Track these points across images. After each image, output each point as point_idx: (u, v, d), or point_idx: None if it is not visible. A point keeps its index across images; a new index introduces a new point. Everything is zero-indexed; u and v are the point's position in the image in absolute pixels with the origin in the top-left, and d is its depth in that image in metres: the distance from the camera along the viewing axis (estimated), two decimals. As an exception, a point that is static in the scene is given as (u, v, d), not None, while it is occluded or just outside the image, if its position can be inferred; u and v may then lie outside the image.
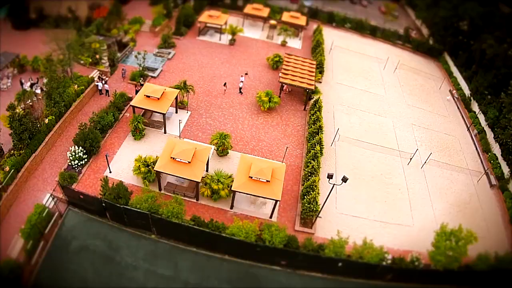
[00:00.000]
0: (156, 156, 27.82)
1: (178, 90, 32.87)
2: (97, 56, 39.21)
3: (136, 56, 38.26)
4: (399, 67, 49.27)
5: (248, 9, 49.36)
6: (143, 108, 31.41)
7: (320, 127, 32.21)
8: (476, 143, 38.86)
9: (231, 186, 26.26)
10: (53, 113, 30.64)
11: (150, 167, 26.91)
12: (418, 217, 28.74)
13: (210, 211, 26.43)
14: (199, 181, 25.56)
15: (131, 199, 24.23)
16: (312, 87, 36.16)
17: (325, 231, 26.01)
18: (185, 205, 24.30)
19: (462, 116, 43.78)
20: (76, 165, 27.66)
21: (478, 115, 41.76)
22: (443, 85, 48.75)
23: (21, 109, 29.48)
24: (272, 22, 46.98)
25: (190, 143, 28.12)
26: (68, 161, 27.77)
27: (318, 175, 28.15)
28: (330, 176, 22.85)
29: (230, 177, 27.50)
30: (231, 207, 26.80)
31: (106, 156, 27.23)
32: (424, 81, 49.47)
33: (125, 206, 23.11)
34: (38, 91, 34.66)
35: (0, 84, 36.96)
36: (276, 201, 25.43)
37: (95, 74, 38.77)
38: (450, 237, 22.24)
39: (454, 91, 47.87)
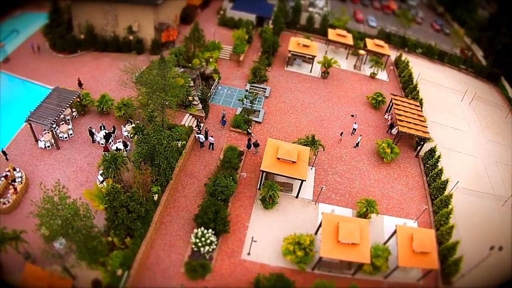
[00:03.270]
0: (307, 234, 26.02)
1: (309, 148, 30.00)
2: (190, 98, 33.61)
3: (242, 100, 34.38)
4: (471, 97, 49.44)
5: (332, 35, 46.44)
6: (276, 174, 28.44)
7: (446, 181, 32.10)
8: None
9: (387, 258, 26.24)
10: (158, 182, 26.01)
11: (307, 249, 25.01)
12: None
13: (368, 284, 25.87)
14: (369, 262, 24.84)
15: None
16: (428, 135, 35.45)
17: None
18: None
19: (528, 147, 45.40)
20: (206, 252, 23.88)
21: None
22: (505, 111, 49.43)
23: (115, 183, 23.95)
24: (361, 52, 44.62)
25: (351, 219, 26.95)
26: (194, 247, 23.86)
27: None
28: (492, 248, 25.18)
29: (386, 249, 27.00)
30: (386, 277, 26.52)
31: (252, 240, 24.09)
32: (492, 111, 49.92)
33: None
34: (121, 146, 28.89)
35: (57, 131, 28.83)
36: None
37: (188, 120, 33.13)
38: None
39: (517, 120, 49.33)
